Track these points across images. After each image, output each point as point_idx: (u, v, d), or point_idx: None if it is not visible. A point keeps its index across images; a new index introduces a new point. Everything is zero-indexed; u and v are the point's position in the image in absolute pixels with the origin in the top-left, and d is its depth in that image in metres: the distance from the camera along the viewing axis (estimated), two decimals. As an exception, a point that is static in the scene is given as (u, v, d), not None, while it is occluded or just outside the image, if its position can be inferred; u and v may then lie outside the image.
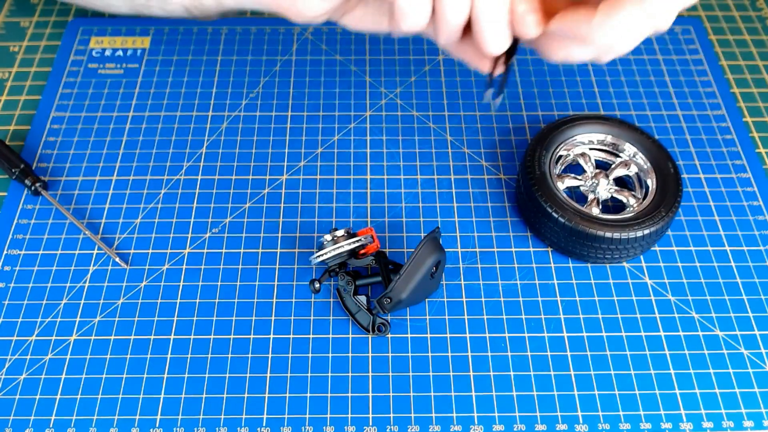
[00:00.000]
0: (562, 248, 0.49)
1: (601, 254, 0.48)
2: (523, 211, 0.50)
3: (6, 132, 0.57)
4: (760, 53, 0.63)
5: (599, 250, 0.47)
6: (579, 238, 0.47)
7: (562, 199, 0.48)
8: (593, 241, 0.46)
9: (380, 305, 0.44)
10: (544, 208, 0.47)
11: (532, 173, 0.48)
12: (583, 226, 0.46)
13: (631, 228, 0.46)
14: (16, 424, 0.43)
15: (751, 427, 0.43)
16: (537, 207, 0.48)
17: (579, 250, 0.48)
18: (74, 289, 0.48)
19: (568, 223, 0.46)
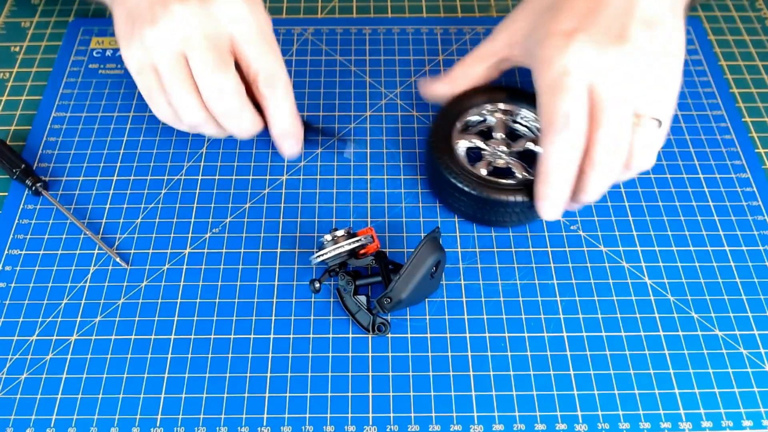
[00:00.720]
0: (465, 214, 0.50)
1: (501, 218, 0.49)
2: (428, 178, 0.53)
3: (7, 132, 0.57)
4: (759, 53, 0.63)
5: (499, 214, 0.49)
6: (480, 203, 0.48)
7: (460, 163, 0.49)
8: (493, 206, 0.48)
9: (380, 305, 0.44)
10: (441, 172, 0.49)
11: (434, 142, 0.50)
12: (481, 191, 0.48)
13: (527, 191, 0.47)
14: (17, 424, 0.43)
15: (750, 426, 0.43)
16: (436, 171, 0.49)
17: (481, 215, 0.50)
18: (75, 288, 0.48)
19: (469, 189, 0.48)
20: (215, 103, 0.47)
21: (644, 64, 0.44)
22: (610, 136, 0.43)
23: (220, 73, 0.46)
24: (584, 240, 0.51)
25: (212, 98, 0.47)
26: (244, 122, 0.49)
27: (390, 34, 0.64)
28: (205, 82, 0.46)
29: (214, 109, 0.48)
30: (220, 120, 0.49)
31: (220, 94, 0.47)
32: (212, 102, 0.47)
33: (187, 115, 0.48)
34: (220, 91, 0.47)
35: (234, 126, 0.49)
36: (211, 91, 0.47)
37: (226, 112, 0.48)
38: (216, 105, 0.47)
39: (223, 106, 0.47)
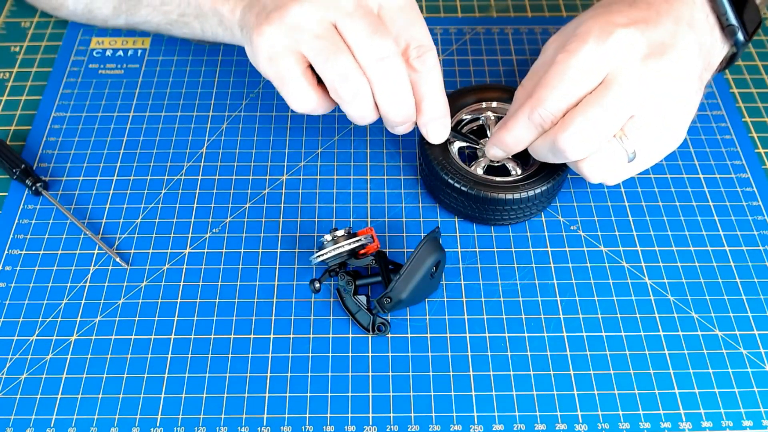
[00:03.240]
0: (462, 213, 0.50)
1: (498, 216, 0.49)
2: (423, 178, 0.52)
3: (7, 132, 0.57)
4: (759, 53, 0.63)
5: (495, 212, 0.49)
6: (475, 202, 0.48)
7: (458, 166, 0.49)
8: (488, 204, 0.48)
9: (380, 305, 0.44)
10: (436, 172, 0.49)
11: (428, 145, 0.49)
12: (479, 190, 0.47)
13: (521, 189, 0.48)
14: (17, 424, 0.43)
15: (750, 426, 0.43)
16: (432, 171, 0.49)
17: (477, 213, 0.49)
18: (75, 288, 0.48)
19: (464, 188, 0.48)
20: (377, 67, 0.43)
21: (662, 97, 0.43)
22: (598, 112, 0.42)
23: (380, 36, 0.43)
24: (584, 240, 0.51)
25: (373, 62, 0.43)
26: (405, 93, 0.44)
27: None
28: (363, 47, 0.43)
29: (375, 76, 0.43)
30: (379, 91, 0.44)
31: (382, 58, 0.43)
32: (373, 68, 0.43)
33: (347, 80, 0.43)
34: (380, 56, 0.43)
35: (394, 98, 0.44)
36: (370, 56, 0.43)
37: (389, 79, 0.43)
38: (377, 71, 0.43)
39: (385, 71, 0.43)
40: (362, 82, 0.43)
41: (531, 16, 0.66)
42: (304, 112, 0.46)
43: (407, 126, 0.47)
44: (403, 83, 0.44)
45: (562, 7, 0.67)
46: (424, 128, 0.47)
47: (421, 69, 0.45)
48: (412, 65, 0.45)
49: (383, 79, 0.43)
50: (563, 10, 0.67)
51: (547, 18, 0.66)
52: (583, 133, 0.42)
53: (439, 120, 0.47)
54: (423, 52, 0.45)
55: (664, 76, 0.43)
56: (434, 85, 0.45)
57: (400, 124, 0.46)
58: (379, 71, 0.43)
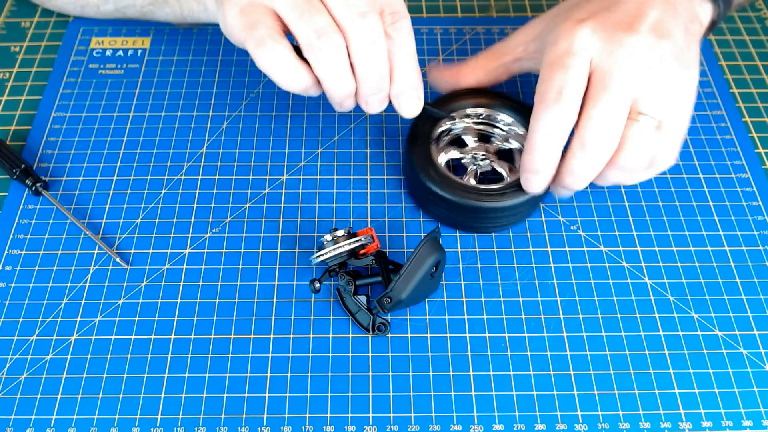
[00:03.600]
0: (448, 220, 0.50)
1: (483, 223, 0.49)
2: (411, 188, 0.52)
3: (7, 132, 0.57)
4: (759, 53, 0.63)
5: (480, 220, 0.49)
6: (458, 209, 0.48)
7: (440, 170, 0.48)
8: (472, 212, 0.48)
9: (380, 305, 0.44)
10: (421, 181, 0.48)
11: (412, 145, 0.49)
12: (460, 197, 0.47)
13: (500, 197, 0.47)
14: (17, 424, 0.43)
15: (750, 426, 0.43)
16: (416, 178, 0.49)
17: (462, 221, 0.49)
18: (75, 288, 0.48)
19: (446, 195, 0.47)
20: (354, 23, 0.42)
21: (650, 61, 0.43)
22: (601, 118, 0.43)
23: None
24: (584, 240, 0.51)
25: (350, 18, 0.42)
26: (379, 57, 0.43)
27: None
28: (340, 4, 0.42)
29: (353, 31, 0.42)
30: (356, 48, 0.42)
31: (360, 14, 0.42)
32: (350, 23, 0.42)
33: (322, 36, 0.41)
34: (359, 11, 0.42)
35: (369, 57, 0.43)
36: (348, 11, 0.42)
37: (367, 34, 0.42)
38: (355, 26, 0.42)
39: (363, 27, 0.42)
40: (338, 38, 0.42)
41: (531, 15, 0.66)
42: (271, 68, 0.44)
43: (381, 98, 0.45)
44: (380, 42, 0.43)
45: (562, 7, 0.67)
46: (396, 100, 0.46)
47: (395, 36, 0.43)
48: (387, 31, 0.43)
49: (362, 36, 0.42)
50: (563, 10, 0.67)
51: (547, 18, 0.66)
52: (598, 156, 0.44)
53: (411, 91, 0.45)
54: (397, 19, 0.43)
55: (640, 42, 0.43)
56: (408, 53, 0.44)
57: (374, 92, 0.45)
58: (358, 27, 0.42)
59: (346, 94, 0.45)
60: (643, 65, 0.43)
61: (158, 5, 0.58)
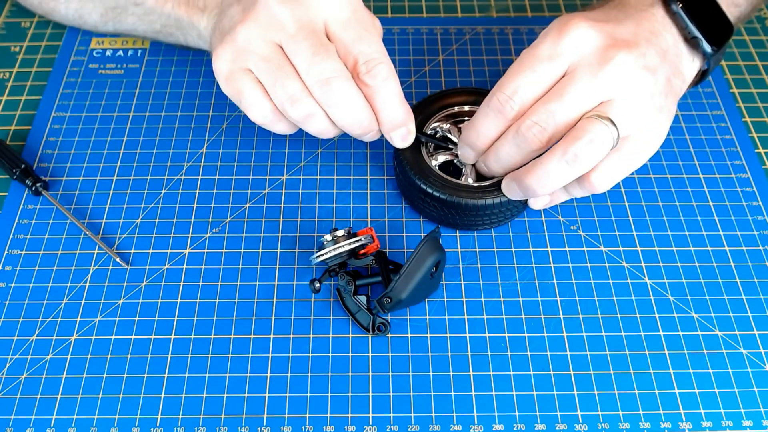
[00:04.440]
0: (438, 219, 0.50)
1: (474, 221, 0.49)
2: (401, 186, 0.52)
3: (7, 132, 0.57)
4: (759, 53, 0.63)
5: (472, 217, 0.49)
6: (449, 207, 0.48)
7: (432, 172, 0.49)
8: (462, 210, 0.48)
9: (380, 305, 0.44)
10: (413, 181, 0.48)
11: (402, 151, 0.49)
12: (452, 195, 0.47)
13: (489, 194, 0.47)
14: (17, 424, 0.43)
15: (750, 426, 0.43)
16: (407, 179, 0.49)
17: (453, 220, 0.49)
18: (75, 288, 0.48)
19: (437, 193, 0.47)
20: (322, 90, 0.43)
21: (630, 84, 0.43)
22: (562, 103, 0.42)
23: (323, 57, 0.43)
24: (584, 240, 0.51)
25: (318, 86, 0.43)
26: (357, 111, 0.45)
27: (390, 34, 0.64)
28: (307, 69, 0.43)
29: (322, 98, 0.44)
30: (331, 112, 0.44)
31: (326, 81, 0.43)
32: (319, 91, 0.43)
33: (295, 104, 0.44)
34: (325, 78, 0.43)
35: (347, 117, 0.45)
36: (315, 78, 0.43)
37: (337, 100, 0.44)
38: (323, 93, 0.44)
39: (331, 94, 0.43)
40: (310, 104, 0.44)
41: (531, 16, 0.66)
42: (265, 125, 0.47)
43: (372, 135, 0.47)
44: (353, 101, 0.44)
45: (562, 7, 0.67)
46: (387, 135, 0.48)
47: (373, 83, 0.44)
48: (363, 80, 0.44)
49: (331, 101, 0.44)
50: (563, 10, 0.67)
51: (548, 18, 0.66)
52: (543, 114, 0.43)
53: (400, 128, 0.47)
54: (372, 66, 0.44)
55: (626, 64, 0.43)
56: (389, 96, 0.45)
57: (361, 136, 0.47)
58: (325, 94, 0.44)
59: (334, 136, 0.47)
60: (624, 81, 0.43)
61: (162, 35, 0.58)
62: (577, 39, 0.44)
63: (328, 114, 0.45)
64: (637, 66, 0.44)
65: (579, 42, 0.44)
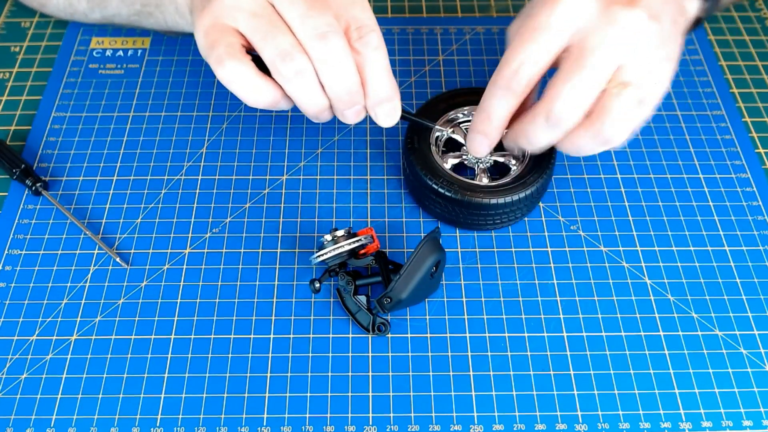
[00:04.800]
0: (447, 219, 0.50)
1: (483, 220, 0.49)
2: (410, 187, 0.52)
3: (7, 132, 0.57)
4: (759, 53, 0.63)
5: (479, 217, 0.49)
6: (459, 206, 0.48)
7: (442, 171, 0.49)
8: (471, 208, 0.48)
9: (380, 305, 0.44)
10: (423, 180, 0.48)
11: (411, 148, 0.49)
12: (463, 195, 0.47)
13: (504, 193, 0.47)
14: (17, 424, 0.43)
15: (750, 426, 0.43)
16: (418, 179, 0.49)
17: (463, 219, 0.49)
18: (75, 288, 0.48)
19: (448, 193, 0.47)
20: (317, 44, 0.41)
21: (641, 40, 0.42)
22: (573, 94, 0.42)
23: (319, 11, 0.41)
24: (584, 240, 0.51)
25: (312, 39, 0.41)
26: (349, 73, 0.43)
27: (390, 34, 0.64)
28: (302, 23, 0.41)
29: (316, 53, 0.42)
30: (322, 71, 0.42)
31: (322, 35, 0.41)
32: (313, 44, 0.42)
33: (286, 58, 0.42)
34: (322, 32, 0.41)
35: (338, 78, 0.43)
36: (310, 32, 0.41)
37: (330, 57, 0.42)
38: (317, 47, 0.42)
39: (326, 48, 0.41)
40: (303, 59, 0.42)
41: (531, 16, 0.66)
42: (229, 84, 0.44)
43: (356, 110, 0.45)
44: (345, 60, 0.42)
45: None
46: (372, 112, 0.46)
47: (363, 50, 0.43)
48: (354, 47, 0.43)
49: (325, 56, 0.42)
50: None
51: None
52: (571, 93, 0.42)
53: (386, 103, 0.45)
54: (364, 33, 0.43)
55: (631, 20, 0.42)
56: (378, 66, 0.44)
57: (347, 106, 0.45)
58: (320, 48, 0.42)
59: (318, 110, 0.45)
60: (633, 38, 0.42)
61: (143, 16, 0.58)
62: (576, 3, 0.43)
63: (318, 73, 0.43)
64: (643, 18, 0.42)
65: (578, 5, 0.43)
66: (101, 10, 0.59)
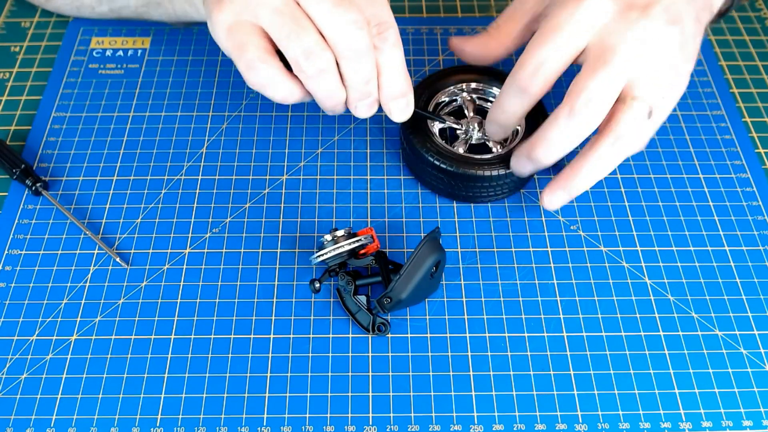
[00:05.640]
0: (444, 191, 0.52)
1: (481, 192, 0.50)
2: (406, 158, 0.53)
3: (7, 132, 0.57)
4: (759, 53, 0.63)
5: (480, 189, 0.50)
6: (457, 179, 0.49)
7: (437, 143, 0.50)
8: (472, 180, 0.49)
9: (380, 305, 0.44)
10: (419, 151, 0.49)
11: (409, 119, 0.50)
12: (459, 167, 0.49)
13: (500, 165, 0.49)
14: (17, 424, 0.43)
15: (750, 426, 0.43)
16: (413, 150, 0.50)
17: (459, 191, 0.51)
18: (75, 288, 0.48)
19: (445, 166, 0.49)
20: (341, 41, 0.42)
21: (655, 46, 0.43)
22: (596, 91, 0.42)
23: (346, 7, 0.42)
24: (584, 240, 0.51)
25: (337, 36, 0.42)
26: (367, 67, 0.44)
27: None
28: (329, 19, 0.42)
29: (342, 49, 0.42)
30: (345, 66, 0.43)
31: (346, 32, 0.42)
32: (337, 41, 0.42)
33: (310, 57, 0.42)
34: (345, 28, 0.42)
35: (360, 72, 0.44)
36: (337, 27, 0.42)
37: (353, 53, 0.42)
38: (342, 44, 0.42)
39: (350, 45, 0.42)
40: (327, 57, 0.43)
41: (531, 16, 0.66)
42: (262, 87, 0.44)
43: (369, 103, 0.46)
44: (369, 56, 0.43)
45: (562, 7, 0.67)
46: (386, 106, 0.46)
47: (382, 46, 0.44)
48: (374, 43, 0.44)
49: (350, 53, 0.43)
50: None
51: (547, 18, 0.66)
52: (594, 91, 0.43)
53: (401, 98, 0.46)
54: (384, 29, 0.44)
55: (649, 27, 0.43)
56: (395, 62, 0.45)
57: (362, 97, 0.45)
58: (346, 44, 0.42)
59: (335, 103, 0.46)
60: (648, 50, 0.43)
61: (152, 6, 0.58)
62: (594, 6, 0.43)
63: (341, 68, 0.43)
64: (661, 24, 0.43)
65: (597, 9, 0.43)
66: (109, 3, 0.59)
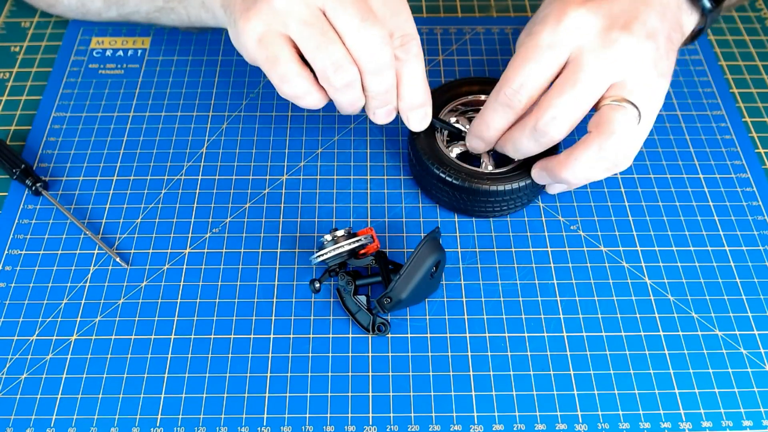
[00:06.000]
0: (450, 205, 0.51)
1: (485, 207, 0.50)
2: (415, 174, 0.53)
3: (7, 132, 0.57)
4: (759, 53, 0.63)
5: (482, 204, 0.49)
6: (462, 193, 0.49)
7: (447, 159, 0.49)
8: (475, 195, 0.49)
9: (380, 305, 0.44)
10: (427, 166, 0.49)
11: (416, 137, 0.50)
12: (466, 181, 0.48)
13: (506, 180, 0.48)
14: (17, 424, 0.43)
15: (750, 426, 0.43)
16: (422, 165, 0.50)
17: (464, 206, 0.50)
18: (75, 288, 0.48)
19: (451, 179, 0.48)
20: (366, 57, 0.43)
21: (636, 62, 0.44)
22: (563, 108, 0.43)
23: (372, 23, 0.42)
24: (584, 240, 0.51)
25: (362, 52, 0.43)
26: (389, 80, 0.45)
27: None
28: (356, 34, 0.43)
29: (368, 64, 0.43)
30: (369, 80, 0.44)
31: (372, 48, 0.43)
32: (362, 57, 0.43)
33: (338, 70, 0.43)
34: (371, 44, 0.43)
35: (383, 84, 0.45)
36: (364, 44, 0.43)
37: (377, 68, 0.44)
38: (367, 59, 0.43)
39: (375, 61, 0.43)
40: (353, 71, 0.44)
41: (531, 16, 0.66)
42: (295, 98, 0.46)
43: (388, 111, 0.47)
44: (392, 68, 0.45)
45: (562, 7, 0.67)
46: (405, 115, 0.48)
47: (405, 57, 0.45)
48: (396, 54, 0.45)
49: (374, 68, 0.44)
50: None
51: (547, 18, 0.66)
52: (560, 108, 0.43)
53: (419, 108, 0.47)
54: (407, 41, 0.45)
55: (629, 43, 0.43)
56: (416, 73, 0.46)
57: (381, 105, 0.46)
58: (372, 61, 0.43)
59: (355, 110, 0.47)
60: (629, 65, 0.43)
61: (164, 12, 0.58)
62: (576, 24, 0.44)
63: (363, 79, 0.45)
64: (640, 39, 0.44)
65: (578, 26, 0.44)
66: (118, 9, 0.59)
